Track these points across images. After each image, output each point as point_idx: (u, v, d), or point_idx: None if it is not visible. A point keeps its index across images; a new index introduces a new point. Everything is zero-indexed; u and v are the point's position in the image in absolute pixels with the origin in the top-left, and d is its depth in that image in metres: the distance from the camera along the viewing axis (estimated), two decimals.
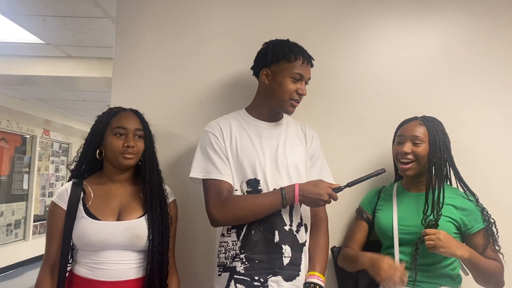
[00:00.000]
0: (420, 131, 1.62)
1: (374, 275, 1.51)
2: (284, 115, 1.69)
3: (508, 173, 1.91)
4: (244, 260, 1.51)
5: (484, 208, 1.59)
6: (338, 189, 1.50)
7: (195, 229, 1.91)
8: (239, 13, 2.03)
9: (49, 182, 7.91)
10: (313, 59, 1.64)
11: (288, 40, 1.63)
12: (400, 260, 1.58)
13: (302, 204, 1.57)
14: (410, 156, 1.61)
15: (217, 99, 1.99)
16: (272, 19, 2.02)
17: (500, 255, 1.58)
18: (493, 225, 1.58)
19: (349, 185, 1.53)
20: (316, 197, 1.47)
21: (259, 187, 1.54)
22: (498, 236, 1.58)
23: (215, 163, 1.55)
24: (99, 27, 3.55)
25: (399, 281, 1.44)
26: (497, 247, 1.58)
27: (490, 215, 1.59)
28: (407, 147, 1.62)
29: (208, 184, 1.55)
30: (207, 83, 2.00)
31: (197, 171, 1.57)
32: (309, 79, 1.62)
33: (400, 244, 1.60)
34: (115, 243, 1.47)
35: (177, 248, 1.67)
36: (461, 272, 1.62)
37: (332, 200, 1.49)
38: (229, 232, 1.55)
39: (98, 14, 3.28)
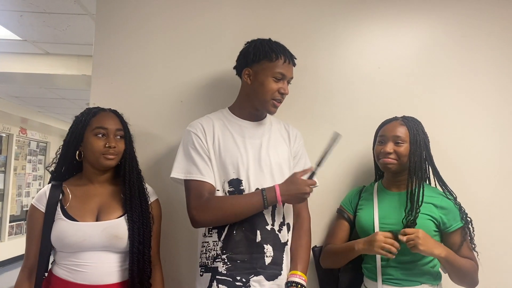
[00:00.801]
0: (402, 131, 1.65)
1: (372, 251, 1.52)
2: (268, 114, 1.70)
3: (485, 173, 1.95)
4: (226, 260, 1.50)
5: (462, 207, 1.63)
6: (312, 174, 1.52)
7: (176, 229, 1.89)
8: (221, 12, 2.02)
9: (26, 181, 7.74)
10: (295, 58, 1.64)
11: (270, 39, 1.63)
12: (381, 258, 1.60)
13: (285, 203, 1.57)
14: (392, 156, 1.63)
15: (198, 98, 1.97)
16: (254, 18, 2.01)
17: (475, 253, 1.62)
18: (470, 224, 1.61)
19: (319, 164, 1.53)
20: (298, 192, 1.48)
21: (241, 187, 1.54)
22: (474, 234, 1.62)
23: (196, 163, 1.54)
24: (78, 24, 3.49)
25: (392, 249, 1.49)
26: (472, 246, 1.62)
27: (467, 214, 1.62)
28: (389, 147, 1.64)
29: (190, 185, 1.54)
30: (189, 81, 1.99)
31: (179, 172, 1.56)
32: (292, 78, 1.62)
33: None
34: (94, 243, 1.45)
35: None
36: (440, 270, 1.65)
37: (312, 187, 1.50)
38: (210, 233, 1.55)
39: (77, 11, 3.23)
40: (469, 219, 1.61)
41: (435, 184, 1.72)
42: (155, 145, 1.96)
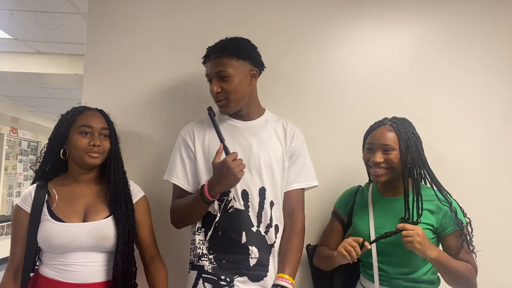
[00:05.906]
0: (390, 138, 1.55)
1: (344, 259, 1.48)
2: (266, 111, 1.68)
3: (477, 172, 1.96)
4: (212, 260, 1.52)
5: (460, 207, 1.56)
6: (225, 149, 1.48)
7: (162, 229, 1.87)
8: (214, 12, 2.02)
9: (17, 181, 7.67)
10: (228, 47, 1.55)
11: (221, 40, 1.61)
12: (380, 268, 1.55)
13: (274, 205, 1.56)
14: (383, 165, 1.55)
15: (191, 98, 1.97)
16: (246, 18, 2.01)
17: (474, 255, 1.56)
18: (469, 224, 1.55)
19: (221, 139, 1.50)
20: (223, 175, 1.42)
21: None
22: (472, 235, 1.56)
23: (176, 167, 1.61)
24: (69, 23, 3.47)
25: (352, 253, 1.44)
26: (471, 247, 1.55)
27: (466, 214, 1.56)
28: (379, 156, 1.55)
29: (172, 187, 1.62)
30: (182, 81, 1.98)
31: (166, 173, 1.64)
32: (219, 71, 1.53)
33: (378, 254, 1.56)
34: (81, 244, 1.45)
35: None
36: (439, 274, 1.60)
37: (241, 166, 1.43)
38: (198, 231, 1.57)
39: (69, 10, 3.21)
40: (467, 219, 1.55)
41: (431, 186, 1.64)
42: (148, 145, 1.95)
